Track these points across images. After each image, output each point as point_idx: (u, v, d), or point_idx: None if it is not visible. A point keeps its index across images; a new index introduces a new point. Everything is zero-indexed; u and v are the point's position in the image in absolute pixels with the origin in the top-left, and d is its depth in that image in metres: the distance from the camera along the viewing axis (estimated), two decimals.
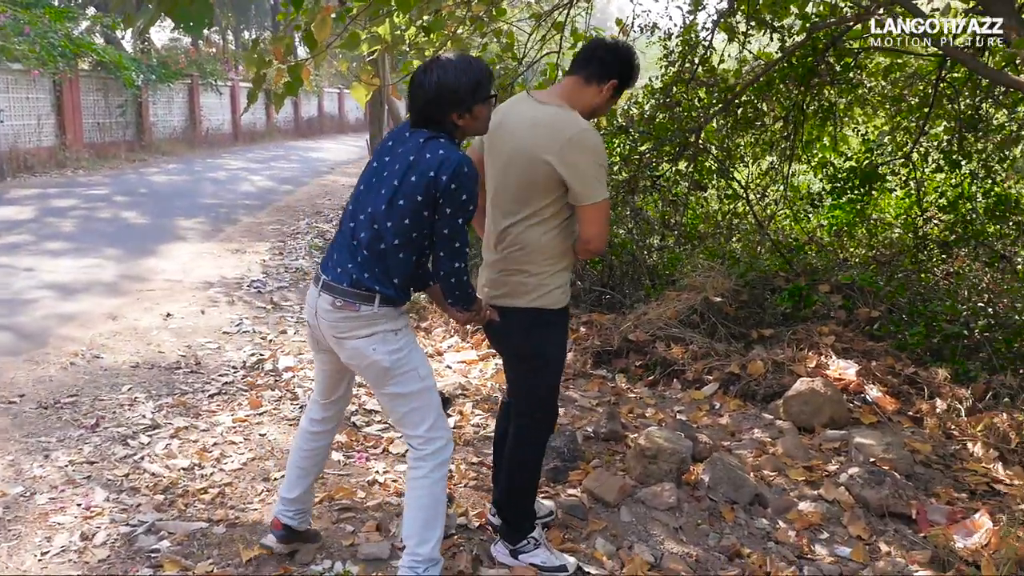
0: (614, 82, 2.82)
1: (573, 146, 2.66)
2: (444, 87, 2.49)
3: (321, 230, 10.85)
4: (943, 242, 7.50)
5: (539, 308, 2.85)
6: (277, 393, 4.84)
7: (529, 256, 2.81)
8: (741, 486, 3.70)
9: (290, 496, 3.03)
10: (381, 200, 2.53)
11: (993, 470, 4.20)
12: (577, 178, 2.68)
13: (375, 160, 2.65)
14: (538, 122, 2.73)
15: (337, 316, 2.58)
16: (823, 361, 5.24)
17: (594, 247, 2.79)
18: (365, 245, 2.56)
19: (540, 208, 2.76)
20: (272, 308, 6.83)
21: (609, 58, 2.82)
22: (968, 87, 7.27)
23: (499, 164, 2.84)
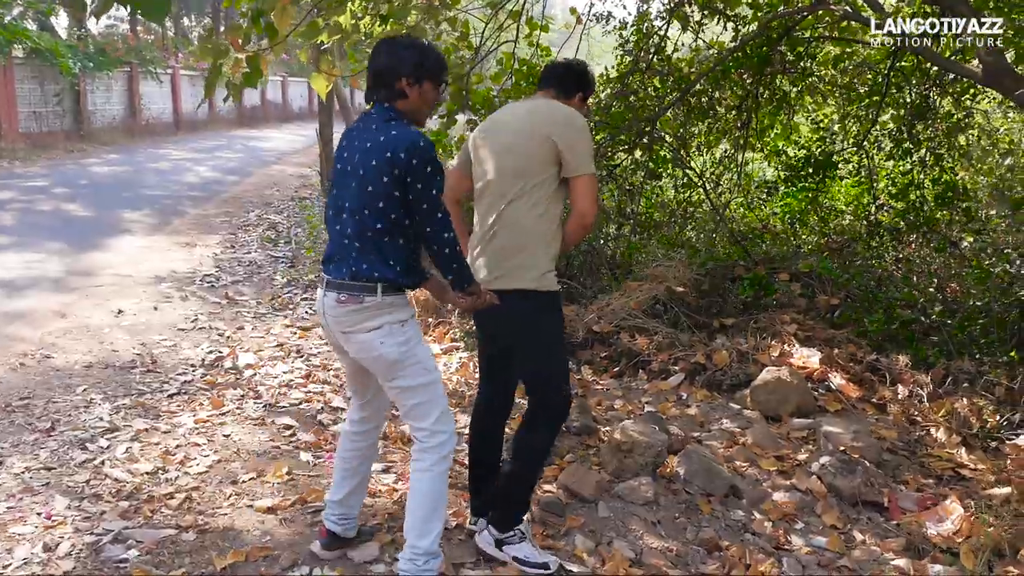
0: (581, 94, 3.14)
1: (568, 122, 2.88)
2: (394, 52, 2.63)
3: (272, 222, 10.63)
4: (894, 228, 7.65)
5: (540, 290, 2.91)
6: (239, 392, 4.72)
7: (526, 236, 2.90)
8: (716, 478, 3.71)
9: (335, 499, 3.02)
10: (354, 192, 2.59)
11: (957, 455, 4.28)
12: (573, 150, 2.85)
13: (338, 158, 2.71)
14: (533, 109, 2.95)
15: (342, 311, 2.60)
16: (786, 350, 5.29)
17: (588, 220, 2.94)
18: (355, 237, 2.59)
19: (536, 183, 2.88)
20: (227, 303, 6.66)
21: (570, 78, 3.12)
22: (916, 76, 7.40)
23: (494, 154, 2.96)
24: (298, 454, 3.98)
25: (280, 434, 4.21)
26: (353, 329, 2.62)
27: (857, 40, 7.70)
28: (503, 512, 3.09)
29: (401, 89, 2.63)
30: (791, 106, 7.93)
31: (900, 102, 7.76)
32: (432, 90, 2.69)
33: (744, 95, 7.64)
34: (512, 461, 3.08)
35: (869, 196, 7.87)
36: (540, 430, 3.04)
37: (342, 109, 14.66)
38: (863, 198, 8.46)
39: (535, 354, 2.99)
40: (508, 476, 3.10)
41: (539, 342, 2.98)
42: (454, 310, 6.24)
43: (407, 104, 2.66)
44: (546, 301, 2.95)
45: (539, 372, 3.01)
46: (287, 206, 11.99)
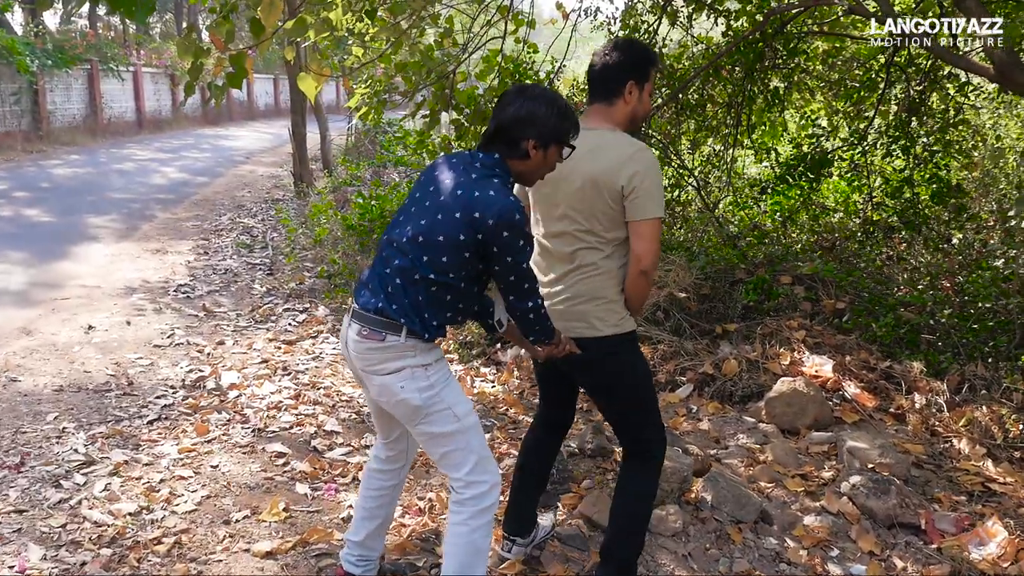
0: (632, 83, 2.66)
1: (635, 162, 2.56)
2: (529, 108, 2.35)
3: (246, 226, 10.24)
4: (890, 227, 7.50)
5: (623, 333, 2.72)
6: (224, 416, 4.40)
7: (604, 282, 2.68)
8: (746, 503, 3.48)
9: (355, 539, 2.79)
10: (420, 229, 2.34)
11: (984, 468, 4.10)
12: (639, 191, 2.56)
13: (418, 188, 2.44)
14: (596, 146, 2.61)
15: (363, 347, 2.38)
16: (796, 357, 5.09)
17: (646, 264, 2.62)
18: (397, 273, 2.36)
19: (613, 233, 2.65)
20: (205, 316, 6.32)
21: (612, 72, 2.68)
22: (911, 72, 7.25)
23: (562, 193, 2.67)
24: (294, 485, 3.69)
25: (272, 463, 3.91)
26: (373, 368, 2.40)
27: (853, 36, 7.54)
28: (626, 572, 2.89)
29: (525, 150, 2.38)
30: (783, 103, 7.73)
31: (894, 99, 7.61)
32: (556, 154, 2.44)
33: (735, 92, 7.43)
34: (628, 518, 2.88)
35: (864, 194, 7.70)
36: (650, 478, 2.88)
37: (314, 108, 14.26)
38: (855, 196, 8.32)
39: (626, 396, 2.80)
40: (626, 533, 2.88)
41: (628, 384, 2.78)
42: None
43: (524, 166, 2.41)
44: (632, 340, 2.78)
45: (642, 415, 2.83)
46: (261, 208, 11.60)
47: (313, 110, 14.20)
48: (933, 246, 7.35)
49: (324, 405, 4.61)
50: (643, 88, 2.67)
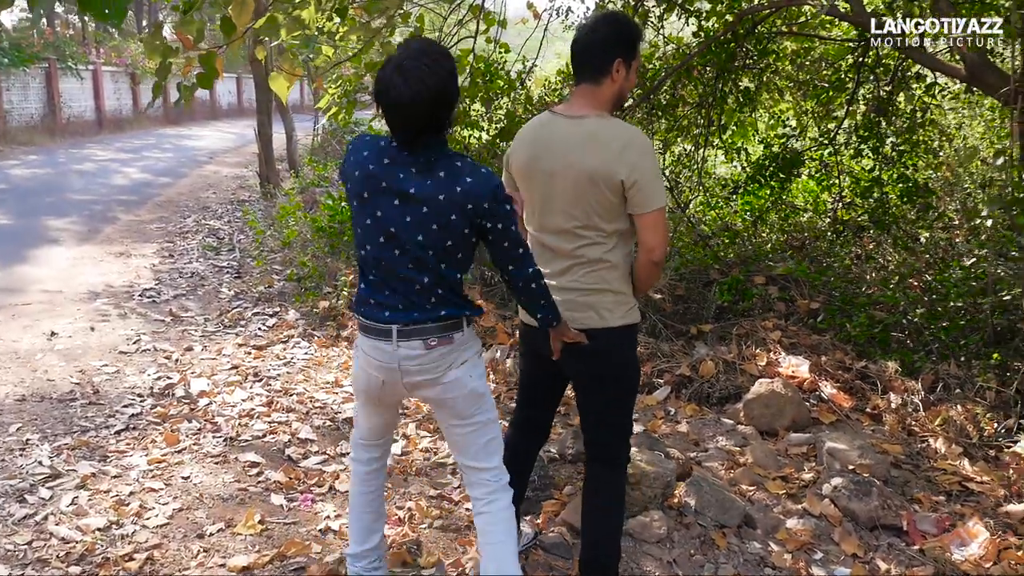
0: (619, 60, 2.57)
1: (632, 152, 2.50)
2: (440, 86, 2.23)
3: (212, 228, 10.06)
4: (859, 227, 7.56)
5: (630, 324, 2.69)
6: (195, 425, 4.29)
7: (612, 273, 2.63)
8: (729, 508, 3.45)
9: (368, 546, 2.77)
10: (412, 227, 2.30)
11: (961, 467, 4.12)
12: (640, 183, 2.50)
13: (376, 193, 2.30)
14: (589, 137, 2.53)
15: (433, 356, 2.39)
16: (773, 358, 5.09)
17: (657, 256, 2.59)
18: (423, 272, 2.33)
19: (615, 224, 2.59)
20: (172, 321, 6.17)
21: (599, 49, 2.58)
22: (879, 72, 7.30)
23: (558, 188, 2.59)
24: (269, 496, 3.60)
25: (246, 473, 3.81)
26: (445, 371, 2.41)
27: (822, 36, 7.59)
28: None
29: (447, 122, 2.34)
30: (754, 103, 7.75)
31: (863, 99, 7.66)
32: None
33: (706, 92, 7.44)
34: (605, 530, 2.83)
35: (834, 193, 7.76)
36: (620, 475, 2.84)
37: (280, 108, 14.06)
38: (824, 195, 8.38)
39: (622, 394, 2.77)
40: (609, 542, 2.83)
41: (629, 379, 2.78)
42: None
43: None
44: (635, 334, 2.76)
45: (622, 417, 2.81)
46: (226, 210, 11.40)
47: (279, 110, 14.02)
48: (901, 245, 7.41)
49: (298, 412, 4.52)
50: (630, 66, 2.59)
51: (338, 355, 5.56)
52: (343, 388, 4.94)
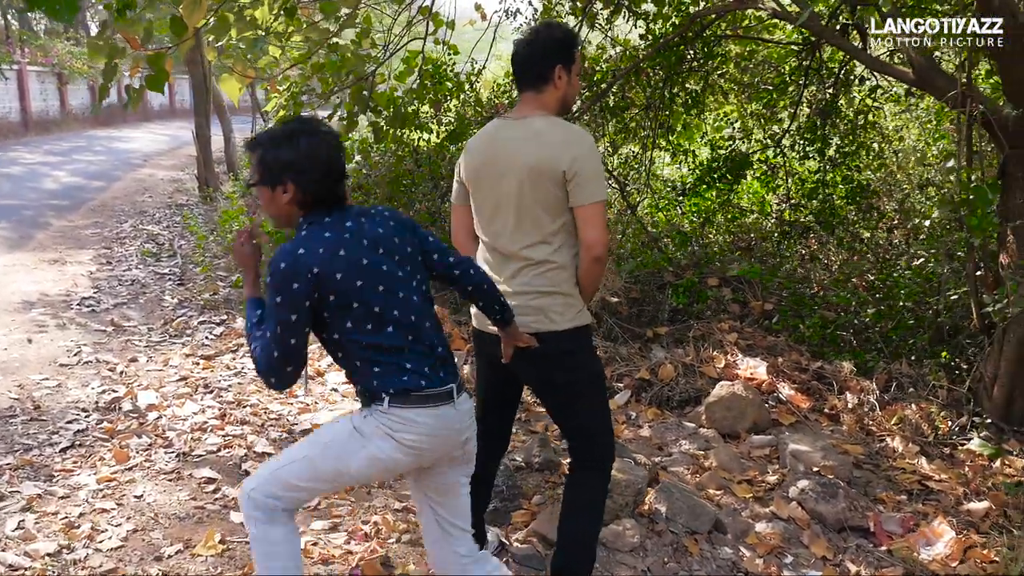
0: (560, 67, 2.60)
1: (575, 146, 2.51)
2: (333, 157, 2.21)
3: (151, 233, 9.73)
4: (806, 227, 7.67)
5: (581, 326, 2.65)
6: (145, 440, 4.12)
7: (560, 275, 2.60)
8: (700, 514, 3.44)
9: None
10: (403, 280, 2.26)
11: (919, 466, 4.19)
12: (582, 176, 2.50)
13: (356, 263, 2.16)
14: (532, 135, 2.54)
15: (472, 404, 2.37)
16: (731, 360, 5.11)
17: (598, 251, 2.56)
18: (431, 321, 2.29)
19: (559, 221, 2.57)
20: (114, 331, 5.94)
21: (538, 58, 2.61)
22: (822, 74, 7.42)
23: (504, 189, 2.58)
24: (228, 514, 3.46)
25: (202, 490, 3.67)
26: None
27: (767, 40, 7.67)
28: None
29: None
30: (701, 105, 7.81)
31: (806, 101, 7.78)
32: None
33: (653, 94, 7.47)
34: (583, 535, 2.77)
35: (782, 195, 7.86)
36: (596, 479, 2.77)
37: (217, 109, 13.74)
38: (769, 197, 8.49)
39: (588, 398, 2.73)
40: (582, 547, 2.78)
41: (588, 383, 2.72)
42: None
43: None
44: (589, 335, 2.73)
45: (598, 420, 2.76)
46: (165, 215, 11.07)
47: (217, 111, 13.68)
48: (846, 246, 7.55)
49: (252, 424, 4.38)
50: (571, 71, 2.62)
51: None
52: (297, 399, 4.81)
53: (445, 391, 2.22)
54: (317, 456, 2.24)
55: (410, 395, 2.18)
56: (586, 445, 2.78)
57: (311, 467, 2.24)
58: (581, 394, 2.70)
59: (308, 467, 2.24)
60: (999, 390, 4.62)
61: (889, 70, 5.24)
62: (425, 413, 2.20)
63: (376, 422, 2.18)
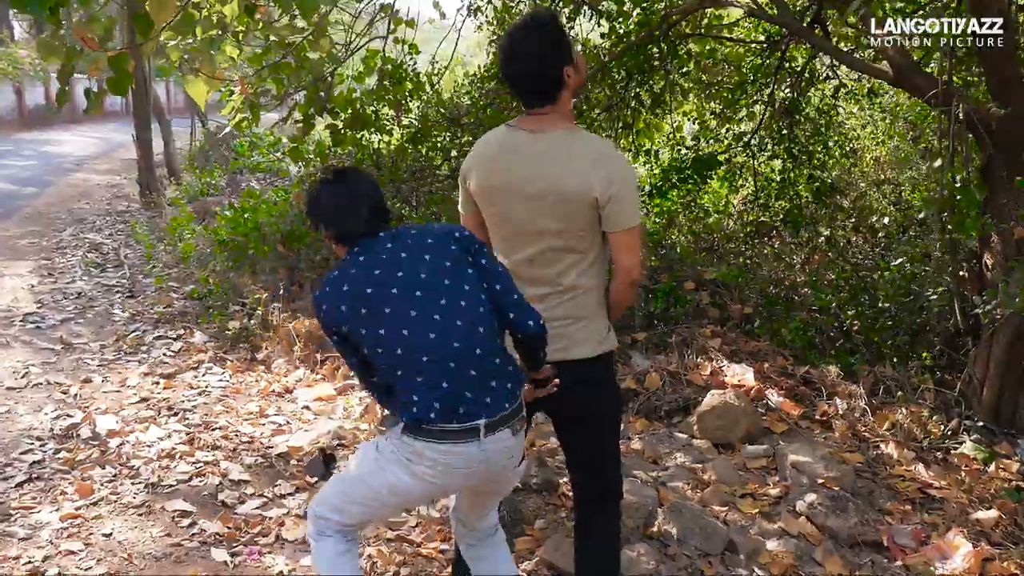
0: (567, 68, 2.33)
1: (607, 166, 2.29)
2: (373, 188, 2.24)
3: (93, 242, 9.25)
4: (771, 227, 7.63)
5: (608, 352, 2.46)
6: (109, 471, 3.82)
7: (589, 299, 2.40)
8: (712, 535, 3.30)
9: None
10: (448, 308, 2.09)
11: (917, 473, 4.12)
12: (619, 200, 2.29)
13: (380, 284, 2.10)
14: (559, 153, 2.32)
15: (520, 439, 2.19)
16: (717, 367, 5.00)
17: (635, 276, 2.41)
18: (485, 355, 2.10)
19: (592, 244, 2.37)
20: (63, 349, 5.57)
21: (552, 71, 2.32)
22: (786, 73, 7.38)
23: (527, 211, 2.34)
24: (208, 552, 3.20)
25: (176, 525, 3.39)
26: (519, 448, 2.22)
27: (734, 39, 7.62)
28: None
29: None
30: (665, 105, 7.71)
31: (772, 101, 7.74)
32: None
33: (614, 94, 7.35)
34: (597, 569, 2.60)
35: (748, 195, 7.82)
36: (612, 513, 2.59)
37: (156, 111, 13.23)
38: (732, 197, 8.45)
39: (611, 425, 2.56)
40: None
41: (614, 412, 2.58)
42: None
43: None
44: (611, 362, 2.53)
45: (615, 454, 2.58)
46: (106, 222, 10.57)
47: (156, 113, 13.16)
48: (814, 246, 7.54)
49: (224, 449, 4.10)
50: (575, 65, 2.36)
51: (255, 381, 5.14)
52: (268, 418, 4.54)
53: (463, 428, 2.04)
54: (349, 478, 2.25)
55: (420, 427, 2.05)
56: (596, 479, 2.58)
57: (345, 488, 2.24)
58: (601, 423, 2.52)
59: (344, 488, 2.24)
60: (988, 392, 4.59)
61: (870, 70, 5.18)
62: (436, 449, 2.06)
63: (391, 447, 2.13)
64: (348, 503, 2.21)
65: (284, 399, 4.90)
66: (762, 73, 7.37)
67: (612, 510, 2.58)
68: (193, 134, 17.26)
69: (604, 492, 2.57)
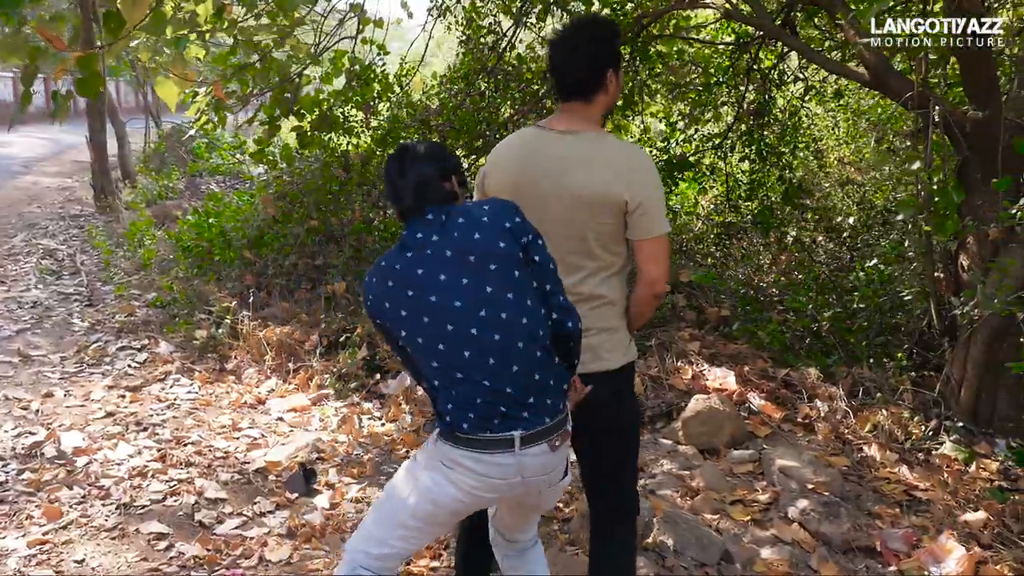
0: (611, 71, 2.29)
1: (637, 172, 2.25)
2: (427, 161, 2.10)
3: (47, 248, 8.92)
4: (740, 228, 7.65)
5: (630, 363, 2.40)
6: (77, 492, 3.64)
7: (612, 310, 2.34)
8: (708, 545, 3.25)
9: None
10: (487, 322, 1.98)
11: (901, 475, 4.11)
12: (647, 207, 2.24)
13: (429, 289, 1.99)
14: (587, 156, 2.25)
15: (559, 455, 2.08)
16: (698, 371, 4.96)
17: (660, 288, 2.34)
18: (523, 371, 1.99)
19: (616, 254, 2.31)
20: (21, 362, 5.34)
21: (595, 65, 2.27)
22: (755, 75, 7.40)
23: (552, 216, 2.26)
24: None
25: (153, 548, 3.24)
26: (562, 461, 2.13)
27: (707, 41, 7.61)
28: None
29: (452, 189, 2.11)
30: (636, 106, 7.68)
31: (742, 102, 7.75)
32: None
33: None
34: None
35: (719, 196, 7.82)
36: (629, 529, 2.52)
37: (110, 112, 12.88)
38: (703, 198, 8.45)
39: (634, 436, 2.52)
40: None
41: (628, 422, 2.48)
42: (313, 349, 5.39)
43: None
44: (633, 373, 2.46)
45: (626, 460, 2.49)
46: (59, 227, 10.22)
47: (110, 113, 12.80)
48: (783, 246, 7.56)
49: (198, 466, 3.94)
50: (619, 73, 2.32)
51: (226, 392, 4.98)
52: (242, 432, 4.40)
53: (497, 439, 1.97)
54: (383, 501, 2.16)
55: (454, 434, 2.00)
56: (615, 493, 2.50)
57: (381, 513, 2.14)
58: (626, 435, 2.46)
59: (379, 514, 2.14)
60: (966, 392, 4.61)
61: (845, 72, 5.18)
62: (470, 457, 2.00)
63: (429, 453, 2.10)
64: (387, 528, 2.09)
65: (257, 411, 4.75)
66: (731, 74, 7.38)
67: (629, 526, 2.51)
68: (147, 135, 16.86)
69: (621, 507, 2.50)
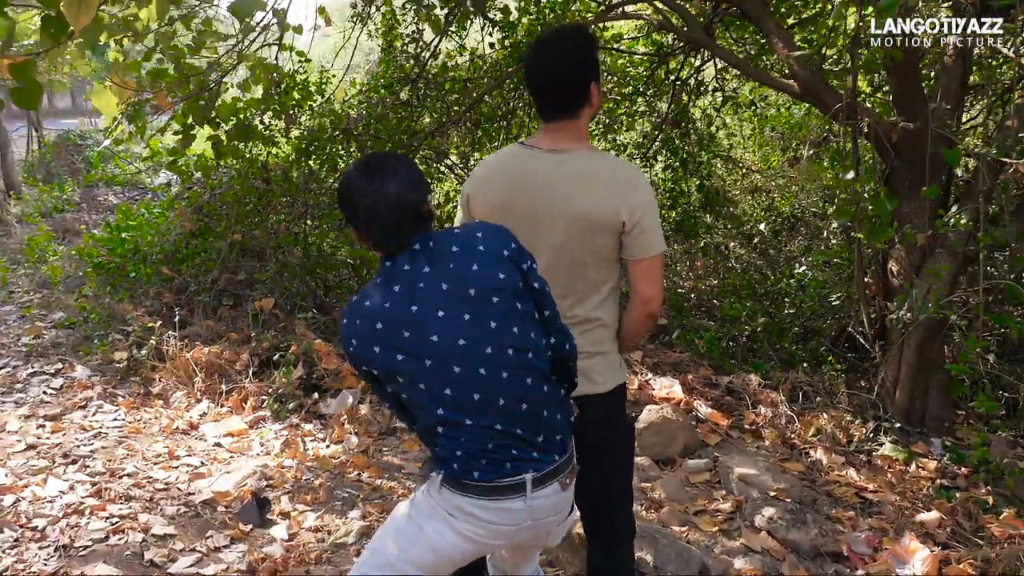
0: (593, 83, 2.22)
1: (634, 191, 2.17)
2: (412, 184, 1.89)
3: None
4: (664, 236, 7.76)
5: (620, 385, 2.35)
6: (9, 534, 3.35)
7: (604, 332, 2.29)
8: (688, 560, 3.23)
9: None
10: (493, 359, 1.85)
11: (849, 478, 4.22)
12: (644, 227, 2.17)
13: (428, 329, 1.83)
14: (582, 175, 2.18)
15: (569, 493, 2.01)
16: (643, 380, 4.99)
17: (655, 308, 2.27)
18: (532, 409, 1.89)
19: (609, 274, 2.25)
20: None
21: (578, 80, 2.18)
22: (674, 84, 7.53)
23: (544, 237, 2.20)
24: None
25: None
26: (569, 502, 2.05)
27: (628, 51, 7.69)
28: None
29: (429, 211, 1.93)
30: None
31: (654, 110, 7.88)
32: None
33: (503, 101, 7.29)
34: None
35: None
36: (626, 552, 2.46)
37: None
38: None
39: (625, 464, 2.45)
40: None
41: (620, 441, 2.41)
42: (245, 369, 5.16)
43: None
44: (624, 394, 2.40)
45: (621, 483, 2.43)
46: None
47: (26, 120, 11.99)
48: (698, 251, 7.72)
49: (139, 500, 3.69)
50: (599, 81, 2.26)
51: (154, 418, 4.70)
52: (180, 460, 4.15)
53: (509, 484, 1.87)
54: (380, 549, 2.00)
55: (460, 482, 1.87)
56: (609, 517, 2.45)
57: (379, 563, 1.99)
58: (618, 457, 2.40)
59: (377, 562, 1.99)
60: (901, 394, 4.78)
61: (775, 83, 5.31)
62: (477, 504, 1.88)
63: (431, 502, 1.97)
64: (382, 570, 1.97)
65: (191, 436, 4.50)
66: (652, 84, 7.49)
67: (626, 549, 2.46)
68: (29, 143, 15.90)
69: (616, 531, 2.44)
